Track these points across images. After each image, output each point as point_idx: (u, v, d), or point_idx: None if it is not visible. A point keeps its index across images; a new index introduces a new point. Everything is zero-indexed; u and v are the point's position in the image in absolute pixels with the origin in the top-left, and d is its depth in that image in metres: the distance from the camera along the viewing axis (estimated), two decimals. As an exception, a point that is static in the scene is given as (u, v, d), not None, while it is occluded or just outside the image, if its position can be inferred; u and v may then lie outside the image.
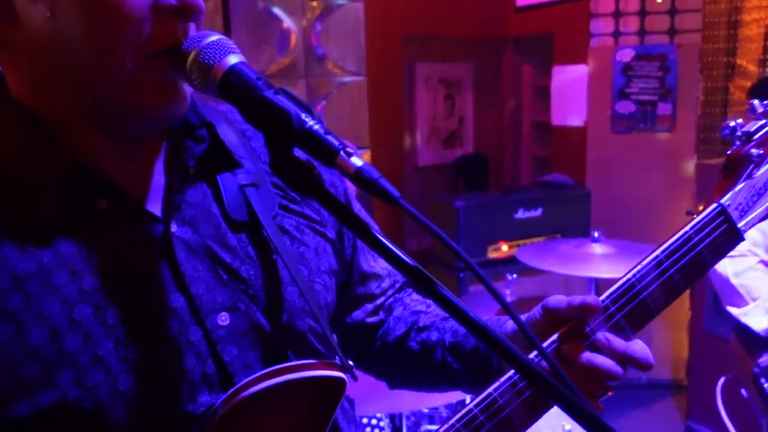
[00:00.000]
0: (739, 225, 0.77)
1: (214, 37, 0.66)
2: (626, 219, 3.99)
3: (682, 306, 3.88)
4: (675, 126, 4.24)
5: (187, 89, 0.73)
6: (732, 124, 0.79)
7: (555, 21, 4.52)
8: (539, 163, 4.84)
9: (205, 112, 0.81)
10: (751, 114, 0.80)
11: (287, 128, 0.61)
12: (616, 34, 4.31)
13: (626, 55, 4.25)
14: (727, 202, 0.77)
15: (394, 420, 2.25)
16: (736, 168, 0.78)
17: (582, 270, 2.49)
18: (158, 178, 0.77)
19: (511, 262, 3.31)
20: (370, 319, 1.01)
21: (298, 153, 0.64)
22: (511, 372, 0.80)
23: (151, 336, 0.70)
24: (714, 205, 0.78)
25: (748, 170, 0.77)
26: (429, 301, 1.04)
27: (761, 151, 0.77)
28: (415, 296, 1.05)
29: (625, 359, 0.79)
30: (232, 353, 0.74)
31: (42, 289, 0.66)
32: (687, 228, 0.78)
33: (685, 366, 3.99)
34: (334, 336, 0.85)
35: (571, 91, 4.45)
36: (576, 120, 4.46)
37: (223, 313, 0.74)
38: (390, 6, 4.10)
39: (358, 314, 0.99)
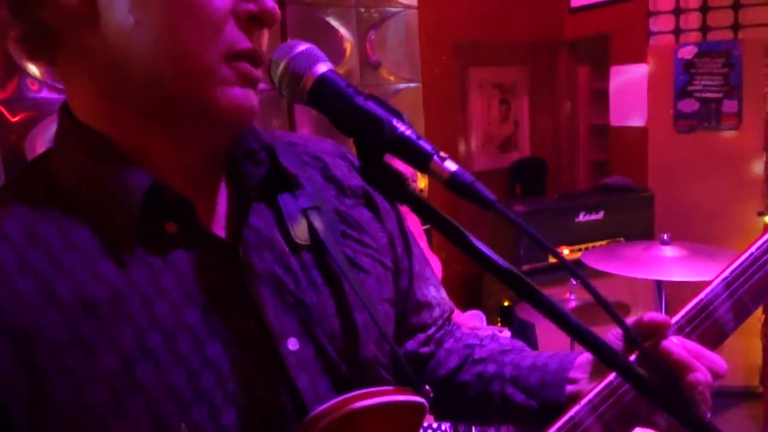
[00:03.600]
0: None
1: (303, 47, 0.66)
2: (692, 221, 3.86)
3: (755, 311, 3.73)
4: (741, 124, 4.09)
5: (256, 101, 0.72)
6: None
7: (611, 21, 4.42)
8: (597, 167, 4.74)
9: (264, 137, 0.80)
10: None
11: (379, 135, 0.61)
12: (677, 31, 4.19)
13: (688, 52, 4.12)
14: None
15: (457, 429, 2.22)
16: None
17: (650, 273, 2.42)
18: (222, 201, 0.77)
19: (573, 266, 3.23)
20: (423, 350, 0.97)
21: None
22: (591, 395, 0.77)
23: (224, 363, 0.69)
24: None
25: None
26: (482, 335, 1.01)
27: None
28: (464, 330, 1.02)
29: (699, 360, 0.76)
30: (304, 382, 0.72)
31: (113, 315, 0.65)
32: (753, 248, 0.78)
33: (759, 372, 3.83)
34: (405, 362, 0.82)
35: (631, 92, 4.34)
36: (636, 121, 4.34)
37: (292, 339, 0.73)
38: (442, 13, 4.08)
39: (411, 344, 0.96)
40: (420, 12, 3.31)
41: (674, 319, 0.78)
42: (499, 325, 3.16)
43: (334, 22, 3.06)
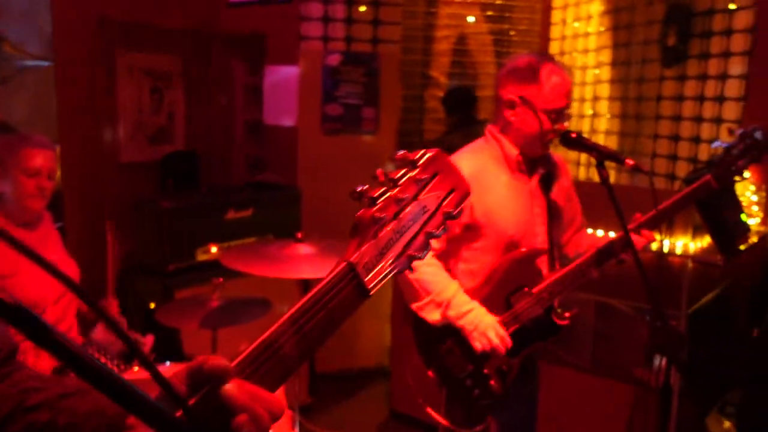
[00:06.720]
0: (366, 280, 0.81)
1: None
2: (335, 218, 4.13)
3: (386, 296, 4.16)
4: (378, 129, 4.53)
5: None
6: (359, 189, 0.83)
7: (267, 21, 4.50)
8: (253, 162, 4.80)
9: None
10: (390, 181, 0.85)
11: None
12: (325, 38, 4.45)
13: (334, 59, 4.41)
14: (356, 261, 0.81)
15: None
16: (363, 229, 0.83)
17: (287, 272, 2.50)
18: None
19: (220, 265, 3.21)
20: None
21: None
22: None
23: None
24: (344, 264, 0.81)
25: (374, 231, 0.83)
26: (46, 377, 0.90)
27: (384, 215, 0.83)
28: (28, 372, 0.90)
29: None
30: None
31: None
32: (321, 286, 0.80)
33: (388, 352, 4.30)
34: None
35: (283, 92, 4.48)
36: (287, 120, 4.51)
37: None
38: (85, -15, 3.69)
39: None
40: (54, -19, 2.94)
41: (237, 360, 0.75)
42: (143, 330, 2.97)
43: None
